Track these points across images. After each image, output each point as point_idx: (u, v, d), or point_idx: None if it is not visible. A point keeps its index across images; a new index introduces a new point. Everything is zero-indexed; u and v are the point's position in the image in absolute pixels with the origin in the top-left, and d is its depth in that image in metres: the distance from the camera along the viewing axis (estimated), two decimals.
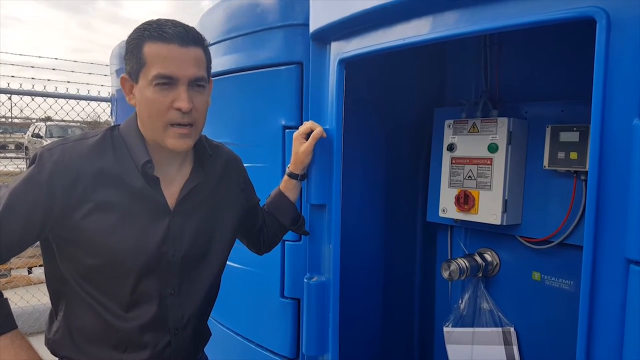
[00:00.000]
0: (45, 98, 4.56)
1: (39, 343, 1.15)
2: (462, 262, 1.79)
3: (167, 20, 1.08)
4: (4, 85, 4.34)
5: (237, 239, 1.39)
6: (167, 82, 1.05)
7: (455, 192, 1.75)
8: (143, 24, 1.09)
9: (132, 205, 1.09)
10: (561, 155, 1.56)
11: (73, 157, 1.05)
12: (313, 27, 1.52)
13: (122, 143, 1.12)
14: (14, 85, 4.41)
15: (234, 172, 1.34)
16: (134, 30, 1.08)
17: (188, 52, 1.06)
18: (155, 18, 1.11)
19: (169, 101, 1.05)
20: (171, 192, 1.15)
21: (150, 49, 1.04)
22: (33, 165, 1.04)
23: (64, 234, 1.06)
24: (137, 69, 1.06)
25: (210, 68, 1.17)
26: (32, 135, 13.07)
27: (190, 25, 1.12)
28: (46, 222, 1.03)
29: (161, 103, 1.05)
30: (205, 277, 1.22)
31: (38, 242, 1.13)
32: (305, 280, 1.56)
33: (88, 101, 4.86)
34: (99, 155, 1.08)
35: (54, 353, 1.14)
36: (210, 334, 1.35)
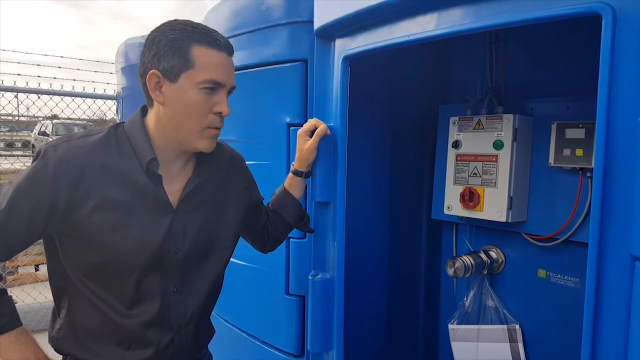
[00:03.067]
0: (51, 96, 4.58)
1: (45, 340, 1.16)
2: (467, 260, 1.78)
3: (206, 26, 1.11)
4: (10, 84, 4.36)
5: (241, 237, 1.39)
6: (214, 87, 1.09)
7: (460, 189, 1.75)
8: (183, 24, 1.09)
9: (135, 203, 1.09)
10: (567, 152, 1.55)
11: (77, 153, 1.06)
12: (317, 23, 1.51)
13: (126, 140, 1.12)
14: (20, 84, 4.44)
15: (237, 170, 1.34)
16: (171, 29, 1.08)
17: (231, 63, 1.14)
18: (172, 17, 1.13)
19: (210, 105, 1.10)
20: (173, 190, 1.15)
21: (202, 53, 1.07)
22: (37, 161, 1.05)
23: (67, 230, 1.07)
24: (179, 69, 1.07)
25: None
26: (38, 133, 13.15)
27: (197, 21, 1.13)
28: (50, 219, 1.04)
29: (204, 106, 1.09)
30: (208, 275, 1.22)
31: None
32: (310, 277, 1.57)
33: (94, 99, 4.88)
34: (103, 152, 1.08)
35: (57, 350, 1.14)
36: (214, 332, 1.36)
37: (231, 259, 1.33)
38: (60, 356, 1.16)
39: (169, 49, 1.06)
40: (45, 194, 1.02)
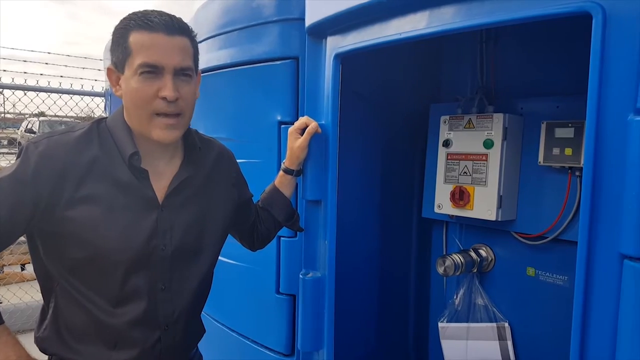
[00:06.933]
0: (37, 93, 4.51)
1: (31, 340, 1.14)
2: (457, 258, 1.79)
3: (153, 10, 1.08)
4: None
5: (229, 235, 1.38)
6: (152, 70, 1.04)
7: (450, 188, 1.75)
8: (129, 14, 1.08)
9: (118, 199, 1.07)
10: (556, 151, 1.56)
11: (59, 149, 1.04)
12: (309, 21, 1.51)
13: (109, 135, 1.11)
14: (6, 80, 4.36)
15: (225, 166, 1.33)
16: (120, 21, 1.08)
17: (174, 41, 1.06)
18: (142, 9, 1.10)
19: (154, 90, 1.05)
20: (161, 186, 1.14)
21: (136, 38, 1.04)
22: (19, 159, 1.03)
23: (49, 227, 1.05)
24: (122, 59, 1.06)
25: (198, 59, 1.16)
26: (25, 131, 12.97)
27: (186, 18, 1.11)
28: (32, 216, 1.02)
29: (146, 92, 1.05)
30: (196, 272, 1.20)
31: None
32: (300, 276, 1.56)
33: (81, 96, 4.82)
34: (85, 147, 1.07)
35: (42, 350, 1.13)
36: (204, 331, 1.35)
37: (222, 258, 1.32)
38: (46, 356, 1.14)
39: (114, 42, 1.07)
40: (27, 192, 1.00)
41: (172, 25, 1.06)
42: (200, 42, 1.91)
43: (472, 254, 1.85)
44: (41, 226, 1.05)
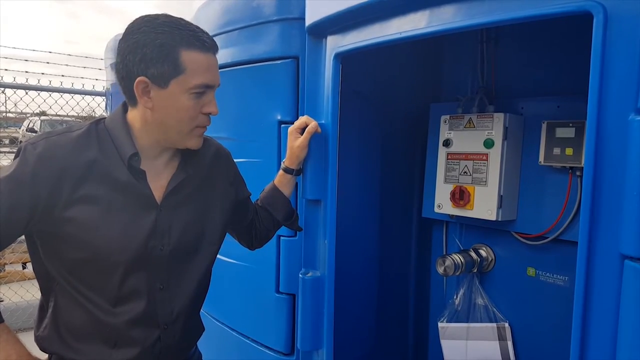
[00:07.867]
0: (39, 92, 4.51)
1: (32, 338, 1.14)
2: (457, 258, 1.79)
3: (190, 24, 1.09)
4: None
5: (228, 234, 1.38)
6: (205, 90, 1.09)
7: (450, 187, 1.75)
8: (166, 25, 1.04)
9: (117, 199, 1.07)
10: (557, 151, 1.56)
11: (57, 150, 1.04)
12: (309, 20, 1.51)
13: (108, 136, 1.10)
14: (7, 79, 4.36)
15: (222, 165, 1.33)
16: (155, 31, 1.03)
17: (217, 62, 1.13)
18: (159, 12, 1.10)
19: (200, 107, 1.11)
20: (159, 186, 1.14)
21: (191, 57, 1.05)
22: (16, 160, 1.03)
23: (48, 228, 1.05)
24: (169, 75, 1.05)
25: None
26: (26, 130, 13.00)
27: (186, 17, 1.12)
28: (31, 217, 1.02)
29: (195, 109, 1.10)
30: (194, 272, 1.21)
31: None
32: (300, 275, 1.56)
33: (82, 95, 4.81)
34: (83, 148, 1.06)
35: (42, 349, 1.13)
36: (203, 329, 1.35)
37: (221, 257, 1.32)
38: (46, 355, 1.14)
39: (157, 54, 1.03)
40: (25, 194, 1.00)
41: (216, 46, 1.12)
42: None
43: (472, 254, 1.84)
44: (40, 227, 1.05)
